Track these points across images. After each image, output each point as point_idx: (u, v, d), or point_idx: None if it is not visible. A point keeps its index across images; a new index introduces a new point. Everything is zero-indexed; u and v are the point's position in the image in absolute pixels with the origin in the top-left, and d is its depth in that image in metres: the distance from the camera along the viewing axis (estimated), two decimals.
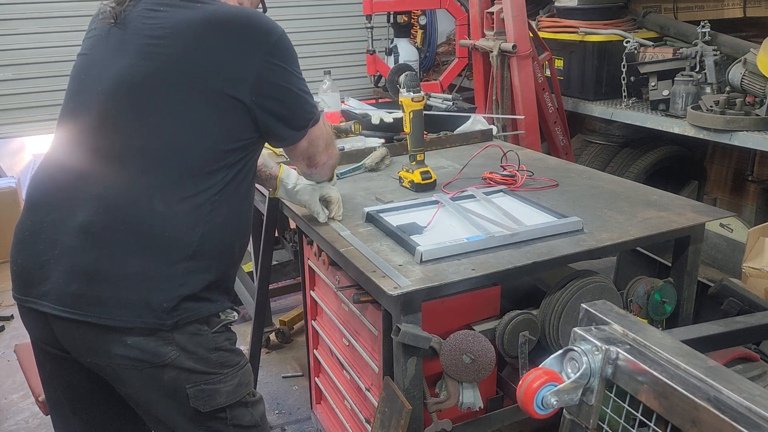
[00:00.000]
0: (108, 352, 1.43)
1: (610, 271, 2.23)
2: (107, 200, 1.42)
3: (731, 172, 4.24)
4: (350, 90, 4.60)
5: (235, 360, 1.56)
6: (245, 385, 1.57)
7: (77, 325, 1.42)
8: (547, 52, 3.73)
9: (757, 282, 2.51)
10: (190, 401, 1.48)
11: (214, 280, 1.50)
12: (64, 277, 1.41)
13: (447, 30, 5.25)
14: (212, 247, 1.48)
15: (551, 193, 2.20)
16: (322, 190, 1.97)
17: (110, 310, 1.40)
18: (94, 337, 1.42)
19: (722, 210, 2.06)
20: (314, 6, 5.15)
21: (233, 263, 1.59)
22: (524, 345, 1.71)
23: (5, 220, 4.53)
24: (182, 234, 1.43)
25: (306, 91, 1.59)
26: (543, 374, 0.97)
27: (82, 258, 1.41)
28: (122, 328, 1.40)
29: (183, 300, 1.43)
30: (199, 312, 1.47)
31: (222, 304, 1.54)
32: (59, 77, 4.55)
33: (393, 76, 3.35)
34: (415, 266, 1.68)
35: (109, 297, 1.40)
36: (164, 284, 1.41)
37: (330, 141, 1.77)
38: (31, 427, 2.88)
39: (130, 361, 1.43)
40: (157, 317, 1.40)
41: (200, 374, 1.48)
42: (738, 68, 3.07)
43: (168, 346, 1.43)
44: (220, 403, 1.51)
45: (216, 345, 1.51)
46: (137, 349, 1.42)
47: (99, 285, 1.40)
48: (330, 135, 1.78)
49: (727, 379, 0.85)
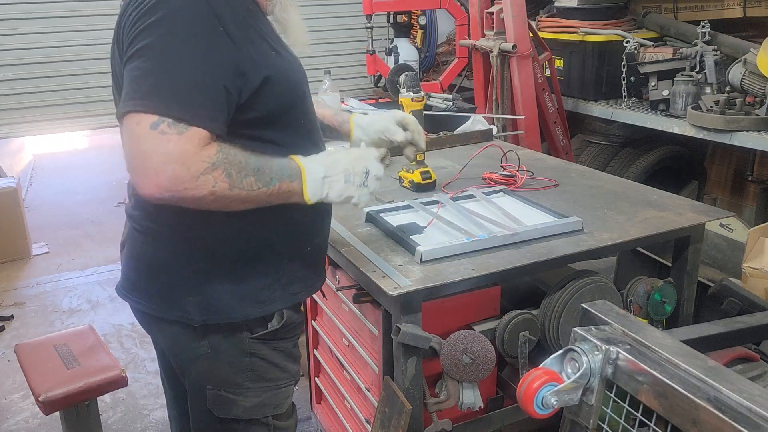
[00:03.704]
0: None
1: (610, 271, 2.23)
2: None
3: (731, 172, 4.24)
4: (350, 90, 4.61)
5: (270, 375, 1.48)
6: (271, 406, 1.50)
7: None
8: (547, 52, 3.73)
9: (757, 282, 2.51)
10: (207, 402, 1.47)
11: (244, 283, 1.41)
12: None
13: (447, 30, 5.26)
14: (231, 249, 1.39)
15: (551, 193, 2.20)
16: (396, 115, 1.70)
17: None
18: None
19: (722, 210, 2.06)
20: (314, 6, 5.16)
21: (265, 264, 1.43)
22: (524, 345, 1.71)
23: (5, 220, 4.54)
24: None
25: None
26: (543, 374, 0.97)
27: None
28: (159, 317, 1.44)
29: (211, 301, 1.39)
30: (229, 315, 1.40)
31: (258, 309, 1.42)
32: (59, 77, 4.56)
33: (393, 76, 3.36)
34: (415, 266, 1.68)
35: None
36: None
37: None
38: (31, 427, 2.88)
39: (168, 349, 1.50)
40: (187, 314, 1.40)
41: (223, 380, 1.45)
42: (738, 68, 3.07)
43: (200, 341, 1.43)
44: (236, 414, 1.47)
45: (252, 350, 1.44)
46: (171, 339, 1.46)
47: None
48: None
49: (727, 379, 0.85)
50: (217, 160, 1.19)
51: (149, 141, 1.14)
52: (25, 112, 4.58)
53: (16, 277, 4.40)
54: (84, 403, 2.22)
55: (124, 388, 2.39)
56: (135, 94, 1.17)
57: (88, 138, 7.89)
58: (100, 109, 4.68)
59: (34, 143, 7.30)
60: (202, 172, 1.16)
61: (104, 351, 2.33)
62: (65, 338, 2.42)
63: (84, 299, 4.06)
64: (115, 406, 3.00)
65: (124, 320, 3.75)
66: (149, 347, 3.45)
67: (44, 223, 5.32)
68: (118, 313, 3.85)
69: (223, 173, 1.19)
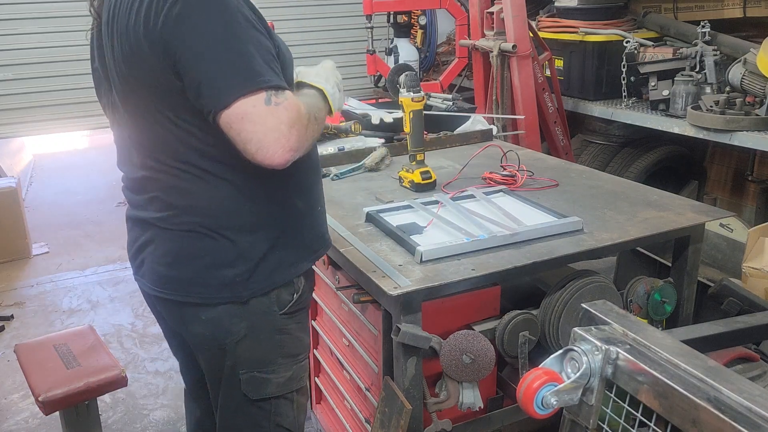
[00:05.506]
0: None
1: (610, 271, 2.23)
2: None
3: (731, 172, 4.24)
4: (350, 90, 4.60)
5: (296, 350, 1.57)
6: (297, 380, 1.59)
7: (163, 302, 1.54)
8: (547, 52, 3.73)
9: (757, 282, 2.51)
10: (242, 386, 1.52)
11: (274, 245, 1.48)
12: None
13: (447, 30, 5.26)
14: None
15: (551, 193, 2.20)
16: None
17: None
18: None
19: (722, 210, 2.07)
20: (314, 6, 5.16)
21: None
22: (524, 345, 1.71)
23: (5, 220, 4.54)
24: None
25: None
26: (543, 374, 0.96)
27: None
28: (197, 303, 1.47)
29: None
30: (273, 281, 1.47)
31: (291, 271, 1.51)
32: (59, 77, 4.56)
33: (393, 76, 3.36)
34: (415, 266, 1.68)
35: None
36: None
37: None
38: (31, 427, 2.88)
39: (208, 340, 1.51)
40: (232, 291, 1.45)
41: (258, 360, 1.51)
42: (738, 68, 3.07)
43: (240, 323, 1.47)
44: (270, 393, 1.55)
45: (281, 326, 1.52)
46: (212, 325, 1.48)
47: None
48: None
49: (727, 379, 0.85)
50: (301, 110, 1.33)
51: (271, 116, 1.26)
52: (25, 112, 4.59)
53: (16, 277, 4.41)
54: (84, 403, 2.22)
55: (124, 388, 2.39)
56: (230, 81, 1.25)
57: (88, 138, 7.89)
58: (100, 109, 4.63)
59: (34, 143, 7.30)
60: (308, 121, 1.33)
61: (104, 351, 2.33)
62: (65, 338, 2.42)
63: (84, 299, 4.06)
64: (115, 406, 3.00)
65: (124, 320, 3.75)
66: (149, 347, 3.46)
67: (44, 223, 5.31)
68: (118, 313, 3.85)
69: (307, 117, 1.34)
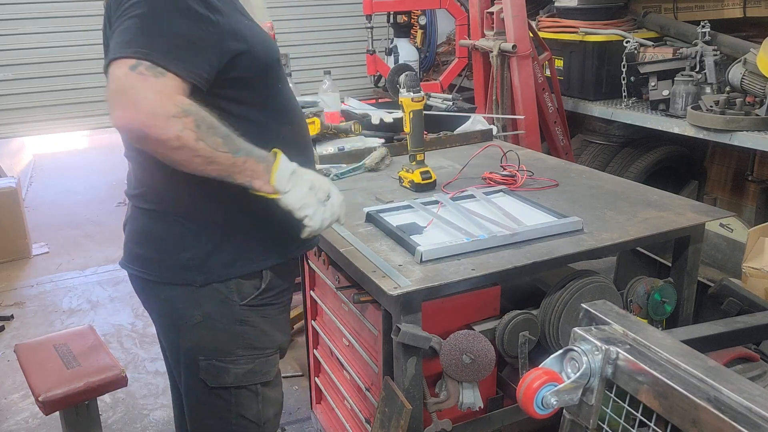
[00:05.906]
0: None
1: (610, 271, 2.23)
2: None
3: (731, 172, 4.24)
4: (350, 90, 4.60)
5: (260, 344, 1.55)
6: (260, 374, 1.57)
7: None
8: (547, 52, 3.73)
9: (757, 282, 2.51)
10: (200, 372, 1.52)
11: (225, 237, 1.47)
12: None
13: (447, 30, 5.26)
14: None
15: (551, 193, 2.20)
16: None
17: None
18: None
19: (722, 210, 2.07)
20: (314, 6, 5.16)
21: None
22: (524, 345, 1.71)
23: (5, 220, 4.54)
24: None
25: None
26: (543, 374, 0.96)
27: None
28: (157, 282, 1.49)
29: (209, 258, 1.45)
30: (227, 272, 1.46)
31: (252, 266, 1.49)
32: (59, 77, 4.56)
33: (393, 76, 3.36)
34: (415, 266, 1.68)
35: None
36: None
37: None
38: (31, 427, 2.88)
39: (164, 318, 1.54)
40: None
41: (215, 349, 1.50)
42: (738, 68, 3.07)
43: (195, 309, 1.47)
44: (228, 382, 1.53)
45: (243, 318, 1.50)
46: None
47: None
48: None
49: (727, 379, 0.85)
50: (190, 109, 1.23)
51: (128, 79, 1.20)
52: (25, 112, 4.59)
53: (16, 277, 4.40)
54: (84, 403, 2.22)
55: (123, 388, 2.39)
56: (116, 45, 1.24)
57: (88, 138, 7.89)
58: (100, 109, 4.69)
59: (34, 143, 7.30)
60: (173, 114, 1.21)
61: (104, 351, 2.33)
62: (65, 338, 2.42)
63: (84, 299, 4.06)
64: (115, 406, 3.00)
65: (124, 320, 3.75)
66: (149, 347, 3.45)
67: (44, 223, 5.31)
68: (118, 313, 3.85)
69: (193, 122, 1.23)
